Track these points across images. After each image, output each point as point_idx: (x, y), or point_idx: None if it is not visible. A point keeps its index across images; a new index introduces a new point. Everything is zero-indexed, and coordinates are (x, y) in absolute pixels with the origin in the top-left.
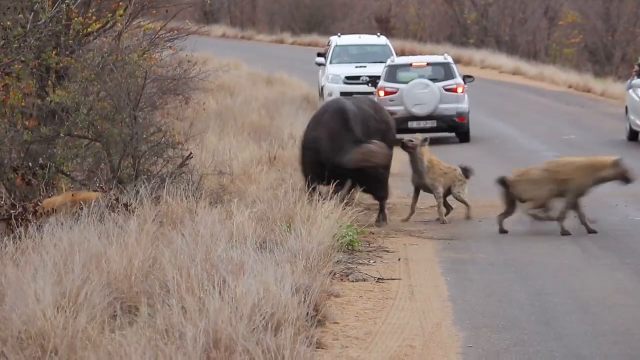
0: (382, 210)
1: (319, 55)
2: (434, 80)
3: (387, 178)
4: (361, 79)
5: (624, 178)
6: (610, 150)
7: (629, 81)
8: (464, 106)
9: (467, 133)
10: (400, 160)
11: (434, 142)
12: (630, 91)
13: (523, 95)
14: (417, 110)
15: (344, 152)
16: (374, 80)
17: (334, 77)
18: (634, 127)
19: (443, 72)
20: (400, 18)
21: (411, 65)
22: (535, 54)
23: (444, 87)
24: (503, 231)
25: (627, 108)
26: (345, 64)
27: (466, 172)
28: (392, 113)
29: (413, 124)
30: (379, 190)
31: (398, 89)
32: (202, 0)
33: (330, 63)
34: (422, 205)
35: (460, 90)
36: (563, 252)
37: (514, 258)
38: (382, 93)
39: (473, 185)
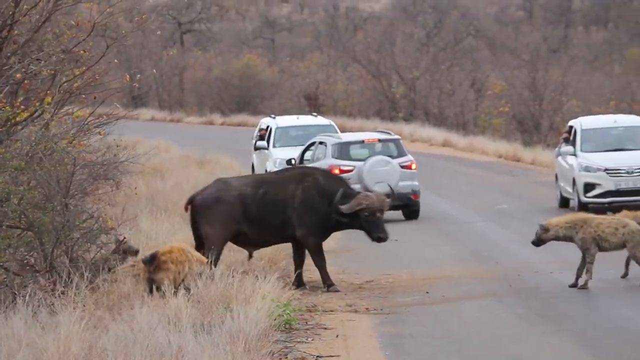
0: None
1: (261, 138)
2: (389, 157)
3: None
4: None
5: None
6: (543, 217)
7: (557, 148)
8: (416, 183)
9: (418, 210)
10: (335, 236)
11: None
12: (559, 158)
13: (454, 167)
14: (378, 189)
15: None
16: (289, 161)
17: (282, 161)
18: (565, 194)
19: (395, 148)
20: (328, 95)
21: (363, 141)
22: (464, 125)
23: (399, 164)
24: None
25: (556, 175)
26: (290, 146)
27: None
28: None
29: None
30: None
31: (354, 167)
32: (130, 85)
33: (274, 146)
34: (357, 280)
35: (413, 166)
36: (499, 321)
37: (450, 329)
38: (336, 171)
39: (409, 258)
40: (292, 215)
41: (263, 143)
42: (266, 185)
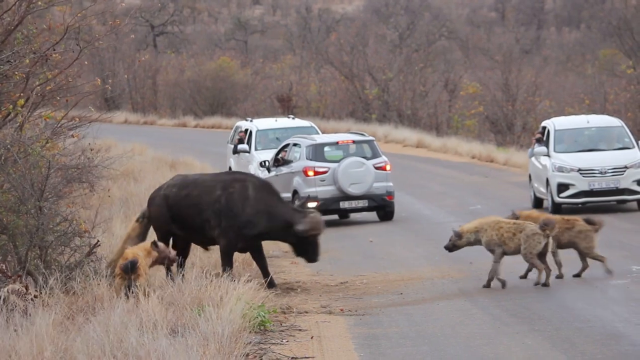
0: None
1: (240, 141)
2: (363, 158)
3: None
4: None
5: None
6: None
7: (530, 149)
8: (391, 184)
9: (393, 211)
10: None
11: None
12: (533, 159)
13: (427, 168)
14: (353, 190)
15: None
16: (262, 163)
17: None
18: (538, 195)
19: (369, 149)
20: (301, 96)
21: (337, 143)
22: (437, 126)
23: (374, 165)
24: None
25: (530, 176)
26: (272, 149)
27: None
28: (311, 199)
29: (345, 204)
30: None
31: (329, 168)
32: (103, 87)
33: (256, 149)
34: (332, 281)
35: (388, 167)
36: (474, 321)
37: (425, 330)
38: (310, 173)
39: (383, 259)
40: (211, 218)
41: (244, 146)
42: (192, 187)
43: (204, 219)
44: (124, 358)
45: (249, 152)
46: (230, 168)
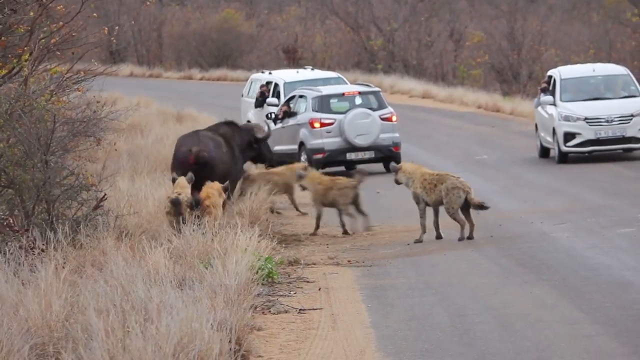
0: None
1: (262, 95)
2: (369, 109)
3: None
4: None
5: None
6: (523, 167)
7: (536, 98)
8: (397, 135)
9: (399, 162)
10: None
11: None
12: (539, 108)
13: (434, 118)
14: (360, 141)
15: None
16: (269, 115)
17: (270, 116)
18: (545, 144)
19: (375, 100)
20: (307, 47)
21: (343, 94)
22: (443, 76)
23: (380, 116)
24: None
25: (536, 125)
26: None
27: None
28: (318, 150)
29: (351, 156)
30: None
31: (335, 120)
32: (108, 40)
33: None
34: (339, 233)
35: (394, 118)
36: (481, 271)
37: (433, 280)
38: (317, 124)
39: (390, 210)
40: None
41: (274, 100)
42: None
43: None
44: (132, 311)
45: (278, 105)
46: (248, 122)
